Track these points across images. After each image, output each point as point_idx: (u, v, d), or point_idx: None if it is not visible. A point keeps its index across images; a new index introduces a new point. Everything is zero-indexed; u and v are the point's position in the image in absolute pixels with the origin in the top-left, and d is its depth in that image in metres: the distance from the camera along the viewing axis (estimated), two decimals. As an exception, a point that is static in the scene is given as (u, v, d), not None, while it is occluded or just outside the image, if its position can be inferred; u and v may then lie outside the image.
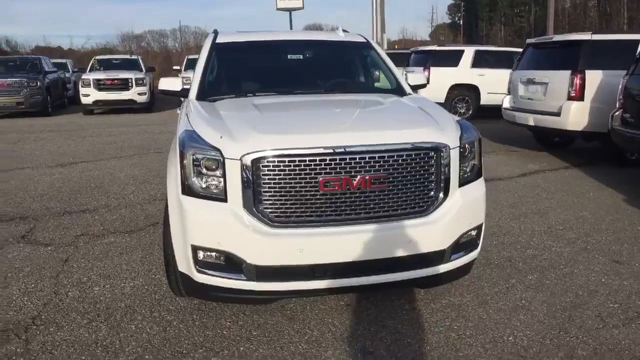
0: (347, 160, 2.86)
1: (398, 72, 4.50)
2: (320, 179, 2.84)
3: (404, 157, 2.95)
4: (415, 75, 4.62)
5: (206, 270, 3.00)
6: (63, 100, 18.54)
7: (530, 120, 8.39)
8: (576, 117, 7.59)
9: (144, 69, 17.88)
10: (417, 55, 14.43)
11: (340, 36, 4.84)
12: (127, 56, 20.13)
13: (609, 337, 3.09)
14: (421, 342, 3.07)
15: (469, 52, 13.50)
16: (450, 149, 3.08)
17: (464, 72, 13.34)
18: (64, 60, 22.79)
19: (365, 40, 4.83)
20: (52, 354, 2.96)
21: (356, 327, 3.24)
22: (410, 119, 3.44)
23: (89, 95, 16.09)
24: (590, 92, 7.51)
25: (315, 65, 4.70)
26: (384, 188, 2.94)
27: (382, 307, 3.47)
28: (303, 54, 4.61)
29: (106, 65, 17.92)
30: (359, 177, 2.87)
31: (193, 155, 2.96)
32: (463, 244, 3.25)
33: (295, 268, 2.91)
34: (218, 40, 4.56)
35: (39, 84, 15.61)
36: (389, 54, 15.95)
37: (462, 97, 13.48)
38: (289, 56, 4.57)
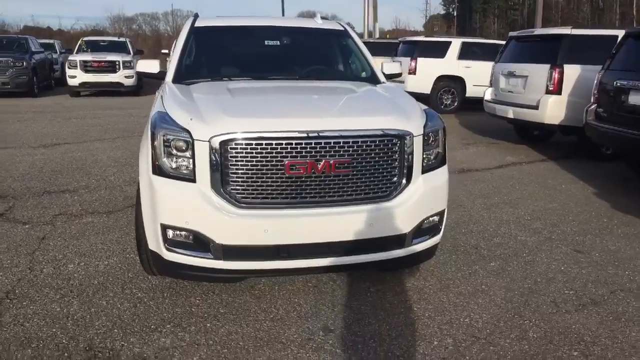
0: (313, 145, 2.96)
1: (373, 61, 4.60)
2: (286, 162, 2.94)
3: (368, 143, 3.05)
4: (390, 65, 4.71)
5: (175, 249, 3.10)
6: (50, 81, 18.40)
7: (510, 112, 8.52)
8: (553, 110, 7.74)
9: (132, 52, 17.79)
10: (404, 45, 14.49)
11: (318, 23, 4.92)
12: (115, 38, 19.96)
13: (560, 322, 3.24)
14: (381, 322, 3.19)
15: (455, 43, 13.58)
16: (414, 136, 3.19)
17: (451, 64, 13.43)
18: (51, 41, 22.56)
19: (342, 28, 4.91)
20: (24, 326, 3.05)
21: (321, 307, 3.36)
22: (377, 106, 3.55)
23: (76, 76, 16.01)
24: (568, 86, 7.65)
25: (291, 52, 4.78)
26: (348, 172, 3.04)
27: (348, 289, 3.59)
28: (280, 40, 4.68)
29: (94, 47, 17.77)
30: (323, 161, 2.97)
31: (164, 136, 3.04)
32: (425, 229, 3.37)
33: (261, 248, 3.01)
34: (197, 24, 4.62)
35: (25, 64, 15.47)
36: (379, 44, 15.97)
37: (448, 88, 13.58)
38: (265, 42, 4.64)
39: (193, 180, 3.01)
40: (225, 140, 2.92)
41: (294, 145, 2.94)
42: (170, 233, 3.08)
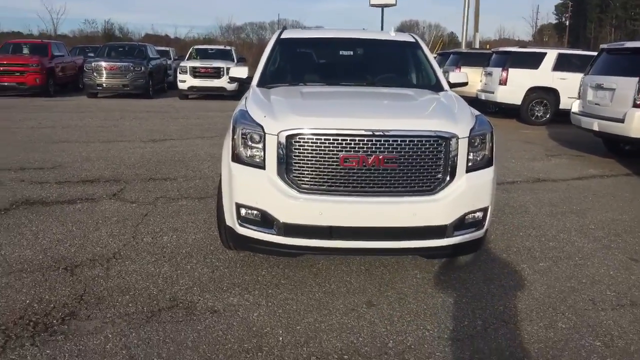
0: (365, 142, 3.42)
1: (439, 70, 4.96)
2: (341, 155, 3.43)
3: (415, 142, 3.46)
4: (456, 74, 5.04)
5: (246, 225, 3.68)
6: (163, 85, 20.28)
7: (595, 125, 8.39)
8: (640, 124, 7.56)
9: (235, 59, 19.16)
10: (497, 55, 14.41)
11: (391, 35, 5.37)
12: (222, 47, 21.53)
13: (592, 317, 3.43)
14: (420, 302, 3.58)
15: (551, 54, 13.33)
16: (459, 138, 3.54)
17: (544, 75, 13.20)
18: (167, 48, 24.78)
19: (414, 40, 5.32)
20: (125, 279, 3.79)
21: (368, 286, 3.80)
22: (427, 110, 3.93)
23: (185, 81, 17.62)
24: (656, 100, 7.45)
25: (363, 61, 5.27)
26: (395, 167, 3.46)
27: (396, 273, 4.00)
28: (354, 50, 5.18)
29: (203, 55, 19.41)
30: (373, 156, 3.42)
31: (242, 129, 3.65)
32: (468, 224, 3.69)
33: (316, 227, 3.50)
34: (282, 36, 5.25)
35: (143, 68, 17.29)
36: (472, 54, 15.89)
37: (540, 99, 13.35)
38: (340, 52, 5.16)
39: (263, 168, 3.57)
40: (291, 135, 3.46)
41: (348, 142, 3.42)
42: (242, 211, 3.67)
